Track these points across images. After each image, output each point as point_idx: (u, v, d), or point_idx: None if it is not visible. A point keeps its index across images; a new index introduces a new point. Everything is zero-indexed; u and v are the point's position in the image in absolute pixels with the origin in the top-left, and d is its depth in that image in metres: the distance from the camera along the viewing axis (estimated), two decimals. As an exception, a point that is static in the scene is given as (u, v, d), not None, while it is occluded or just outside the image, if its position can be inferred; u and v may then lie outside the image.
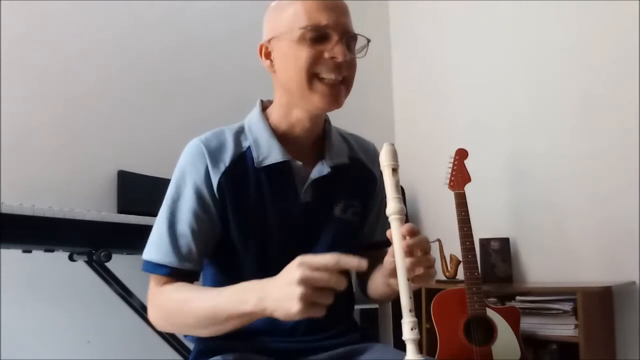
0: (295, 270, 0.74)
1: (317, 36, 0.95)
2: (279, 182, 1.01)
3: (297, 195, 1.02)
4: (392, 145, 0.85)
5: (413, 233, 0.83)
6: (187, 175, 0.98)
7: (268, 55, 1.02)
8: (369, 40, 1.01)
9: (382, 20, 3.31)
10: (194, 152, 0.99)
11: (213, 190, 0.97)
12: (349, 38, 0.97)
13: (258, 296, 0.80)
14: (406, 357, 0.72)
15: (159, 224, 0.98)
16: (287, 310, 0.75)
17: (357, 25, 1.00)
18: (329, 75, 0.95)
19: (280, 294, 0.76)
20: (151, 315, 0.96)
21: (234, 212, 0.98)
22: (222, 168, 0.98)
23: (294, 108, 1.01)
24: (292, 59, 0.96)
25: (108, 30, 2.22)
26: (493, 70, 2.73)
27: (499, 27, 2.74)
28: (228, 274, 1.03)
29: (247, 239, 1.00)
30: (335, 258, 0.74)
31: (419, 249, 0.84)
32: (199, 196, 0.97)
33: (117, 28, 2.25)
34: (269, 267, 0.87)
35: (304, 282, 0.73)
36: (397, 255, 0.78)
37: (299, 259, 0.76)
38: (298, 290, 0.73)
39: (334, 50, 0.94)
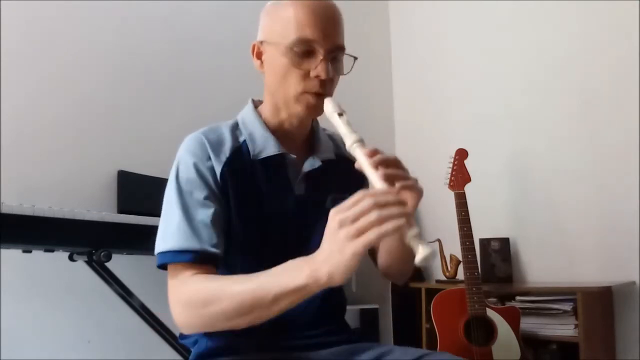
0: (331, 224, 0.75)
1: (303, 51, 0.97)
2: (274, 174, 1.05)
3: (292, 188, 1.06)
4: (330, 98, 0.96)
5: (377, 152, 0.85)
6: (191, 165, 0.98)
7: (259, 55, 1.05)
8: (355, 58, 1.03)
9: (382, 20, 3.31)
10: (195, 143, 1.01)
11: (217, 179, 0.99)
12: (336, 56, 1.00)
13: (310, 268, 0.78)
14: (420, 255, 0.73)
15: (171, 216, 0.96)
16: (343, 259, 0.73)
17: (357, 25, 1.01)
18: (312, 91, 0.98)
19: (328, 252, 0.75)
20: (177, 312, 0.90)
21: (235, 202, 1.00)
22: (224, 159, 1.00)
23: (280, 109, 1.05)
24: (280, 71, 0.99)
25: (108, 30, 2.22)
26: (493, 70, 2.73)
27: (499, 27, 2.74)
28: (226, 264, 1.03)
29: (247, 230, 1.01)
30: (360, 193, 0.75)
31: (392, 164, 0.86)
32: (206, 183, 0.98)
33: (117, 28, 2.25)
34: (267, 259, 0.87)
35: (342, 223, 0.74)
36: (368, 172, 0.83)
37: (330, 216, 0.76)
38: (342, 234, 0.73)
39: (317, 68, 0.96)
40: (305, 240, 1.02)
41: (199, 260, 0.92)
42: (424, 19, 3.13)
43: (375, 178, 0.82)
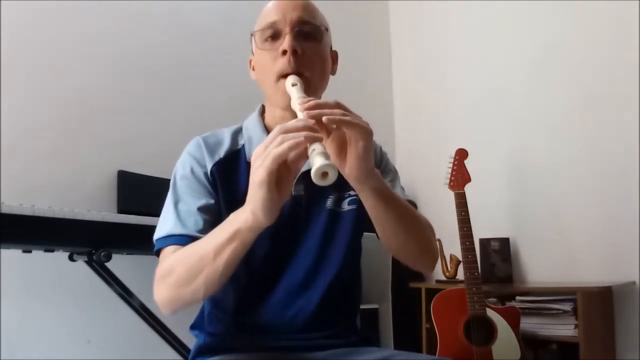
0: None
1: (271, 35, 1.00)
2: None
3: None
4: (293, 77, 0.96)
5: (311, 100, 0.84)
6: (186, 164, 1.04)
7: (253, 66, 1.09)
8: (326, 29, 1.05)
9: (382, 20, 3.31)
10: (193, 145, 1.06)
11: (207, 176, 1.02)
12: (303, 29, 1.00)
13: (241, 211, 0.81)
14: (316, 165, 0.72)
15: (166, 209, 1.01)
16: (255, 191, 0.75)
17: (357, 25, 1.00)
18: (284, 72, 0.98)
19: (249, 189, 0.78)
20: (154, 291, 0.92)
21: (224, 201, 1.01)
22: (217, 159, 1.04)
23: (275, 107, 1.06)
24: (259, 64, 1.04)
25: (108, 30, 2.22)
26: (493, 70, 2.73)
27: (499, 27, 2.74)
28: None
29: None
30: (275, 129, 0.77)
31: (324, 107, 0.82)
32: (198, 180, 1.02)
33: (117, 28, 2.25)
34: (256, 258, 0.87)
35: (256, 157, 0.76)
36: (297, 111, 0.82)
37: None
38: (254, 167, 0.76)
39: (283, 44, 0.98)
40: (296, 239, 1.03)
41: (182, 244, 0.93)
42: (424, 18, 3.12)
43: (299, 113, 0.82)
